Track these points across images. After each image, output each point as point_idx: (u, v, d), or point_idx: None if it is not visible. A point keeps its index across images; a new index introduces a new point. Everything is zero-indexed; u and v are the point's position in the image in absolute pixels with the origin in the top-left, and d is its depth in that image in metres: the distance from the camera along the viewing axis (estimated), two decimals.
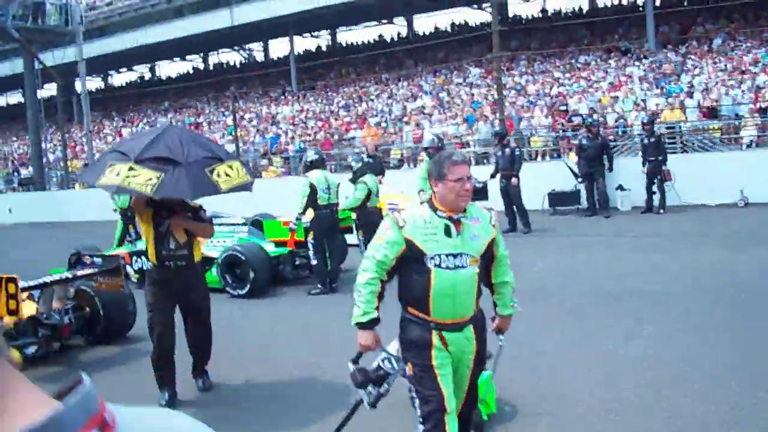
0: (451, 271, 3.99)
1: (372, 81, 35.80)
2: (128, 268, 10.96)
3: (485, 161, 22.04)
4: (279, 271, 11.63)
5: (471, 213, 4.15)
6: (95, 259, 8.80)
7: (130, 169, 5.90)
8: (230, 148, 29.85)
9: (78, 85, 40.49)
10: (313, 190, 10.85)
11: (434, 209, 4.09)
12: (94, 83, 51.94)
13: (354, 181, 11.53)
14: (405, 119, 28.21)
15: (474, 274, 4.08)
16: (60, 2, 31.90)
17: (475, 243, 4.09)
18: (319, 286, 10.94)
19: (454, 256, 4.00)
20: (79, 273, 8.52)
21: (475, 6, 38.94)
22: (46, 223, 26.67)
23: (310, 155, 11.55)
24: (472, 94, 28.88)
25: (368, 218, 11.57)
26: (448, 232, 4.03)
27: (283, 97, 38.02)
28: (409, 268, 4.09)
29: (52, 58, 33.58)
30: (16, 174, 37.67)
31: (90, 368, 7.90)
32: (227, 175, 6.28)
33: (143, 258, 8.50)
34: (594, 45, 30.82)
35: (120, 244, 13.89)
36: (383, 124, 28.67)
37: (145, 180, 5.88)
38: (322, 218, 11.01)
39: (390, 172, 18.77)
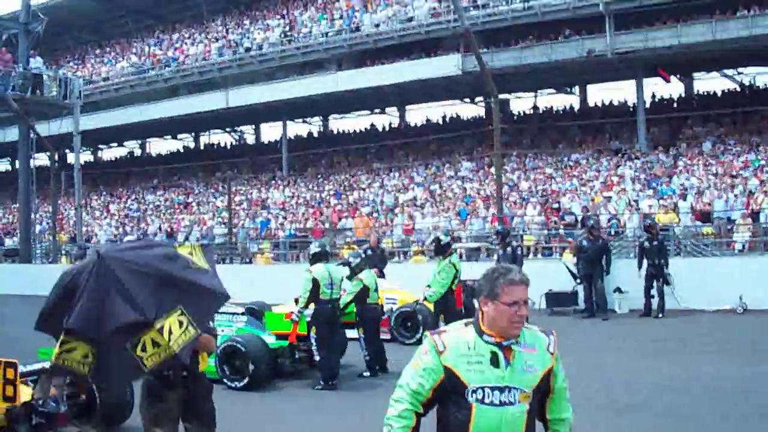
0: (496, 408, 3.36)
1: (363, 170, 35.95)
2: None
3: (476, 258, 21.97)
4: (278, 364, 11.33)
5: (525, 338, 3.50)
6: None
7: (63, 342, 5.25)
8: (221, 230, 29.82)
9: (68, 157, 40.49)
10: (315, 284, 10.68)
11: (480, 332, 3.48)
12: (84, 156, 51.85)
13: (351, 277, 11.42)
14: (397, 210, 28.20)
15: (524, 413, 3.42)
16: (59, 75, 32.15)
17: (528, 376, 3.44)
18: (321, 382, 10.65)
19: (501, 390, 3.38)
20: None
21: (468, 100, 39.47)
22: (31, 296, 26.14)
23: (314, 248, 11.42)
24: (464, 188, 28.98)
25: (367, 314, 11.49)
26: (495, 361, 3.41)
27: (273, 181, 38.07)
28: (446, 400, 3.48)
29: (46, 129, 33.71)
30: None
31: None
32: (155, 345, 5.18)
33: None
34: (585, 143, 31.15)
35: None
36: (375, 214, 28.63)
37: (81, 357, 5.26)
38: (324, 312, 10.79)
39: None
